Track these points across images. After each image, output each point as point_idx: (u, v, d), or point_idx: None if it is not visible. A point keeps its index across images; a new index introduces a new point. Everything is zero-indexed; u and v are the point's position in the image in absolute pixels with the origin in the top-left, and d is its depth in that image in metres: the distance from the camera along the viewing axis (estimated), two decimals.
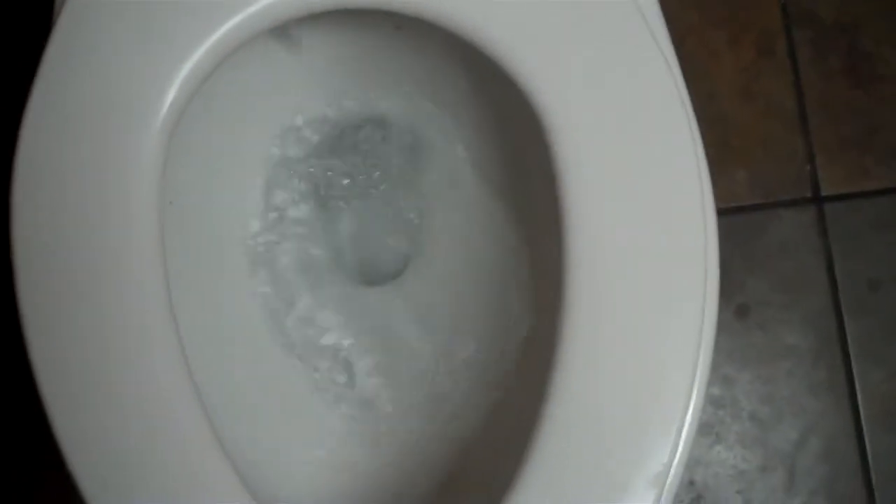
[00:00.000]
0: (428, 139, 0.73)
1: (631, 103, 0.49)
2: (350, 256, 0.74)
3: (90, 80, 0.46)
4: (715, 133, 0.92)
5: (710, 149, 0.53)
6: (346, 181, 0.77)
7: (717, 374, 0.89)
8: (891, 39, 0.93)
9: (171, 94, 0.46)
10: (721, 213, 0.90)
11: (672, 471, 0.43)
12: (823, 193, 0.92)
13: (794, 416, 0.88)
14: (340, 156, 0.77)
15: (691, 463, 0.87)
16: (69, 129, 0.46)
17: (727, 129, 0.92)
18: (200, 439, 0.46)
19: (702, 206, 0.47)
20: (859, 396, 0.88)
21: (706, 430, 0.88)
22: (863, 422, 0.88)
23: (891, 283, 0.90)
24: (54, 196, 0.46)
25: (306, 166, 0.73)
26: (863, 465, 0.87)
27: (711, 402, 0.88)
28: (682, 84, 0.51)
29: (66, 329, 0.46)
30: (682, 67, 0.53)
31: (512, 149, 0.66)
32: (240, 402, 0.57)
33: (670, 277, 0.46)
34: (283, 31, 0.63)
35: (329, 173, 0.76)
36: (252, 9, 0.47)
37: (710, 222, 0.47)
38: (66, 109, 0.46)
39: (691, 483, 0.87)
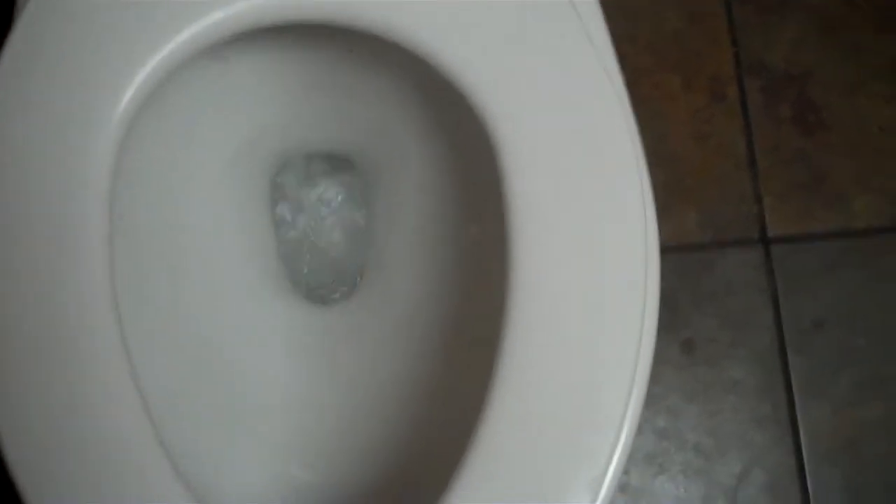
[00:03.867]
0: (378, 164, 0.74)
1: (581, 133, 0.51)
2: (301, 276, 0.75)
3: (48, 76, 0.47)
4: (667, 172, 0.94)
5: (661, 187, 0.54)
6: (295, 203, 0.78)
7: (663, 405, 0.90)
8: (838, 91, 0.97)
9: (127, 95, 0.47)
10: (671, 250, 0.93)
11: (608, 476, 0.44)
12: (770, 235, 0.94)
13: (738, 449, 0.90)
14: (292, 177, 0.78)
15: (635, 493, 0.88)
16: (26, 124, 0.47)
17: (679, 169, 0.95)
18: (139, 435, 0.46)
19: (643, 204, 0.48)
20: (801, 432, 0.90)
21: (650, 460, 0.89)
22: (804, 457, 0.89)
23: (834, 323, 0.92)
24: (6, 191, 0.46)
25: (260, 186, 0.74)
26: (804, 500, 0.89)
27: (656, 433, 0.90)
28: (630, 115, 0.53)
29: (9, 326, 0.47)
30: (636, 109, 0.55)
31: (461, 174, 0.67)
32: (182, 406, 0.58)
33: (611, 284, 0.47)
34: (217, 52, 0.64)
35: (283, 196, 0.78)
36: (203, 21, 0.49)
37: (651, 231, 0.49)
38: (24, 103, 0.47)
39: None
